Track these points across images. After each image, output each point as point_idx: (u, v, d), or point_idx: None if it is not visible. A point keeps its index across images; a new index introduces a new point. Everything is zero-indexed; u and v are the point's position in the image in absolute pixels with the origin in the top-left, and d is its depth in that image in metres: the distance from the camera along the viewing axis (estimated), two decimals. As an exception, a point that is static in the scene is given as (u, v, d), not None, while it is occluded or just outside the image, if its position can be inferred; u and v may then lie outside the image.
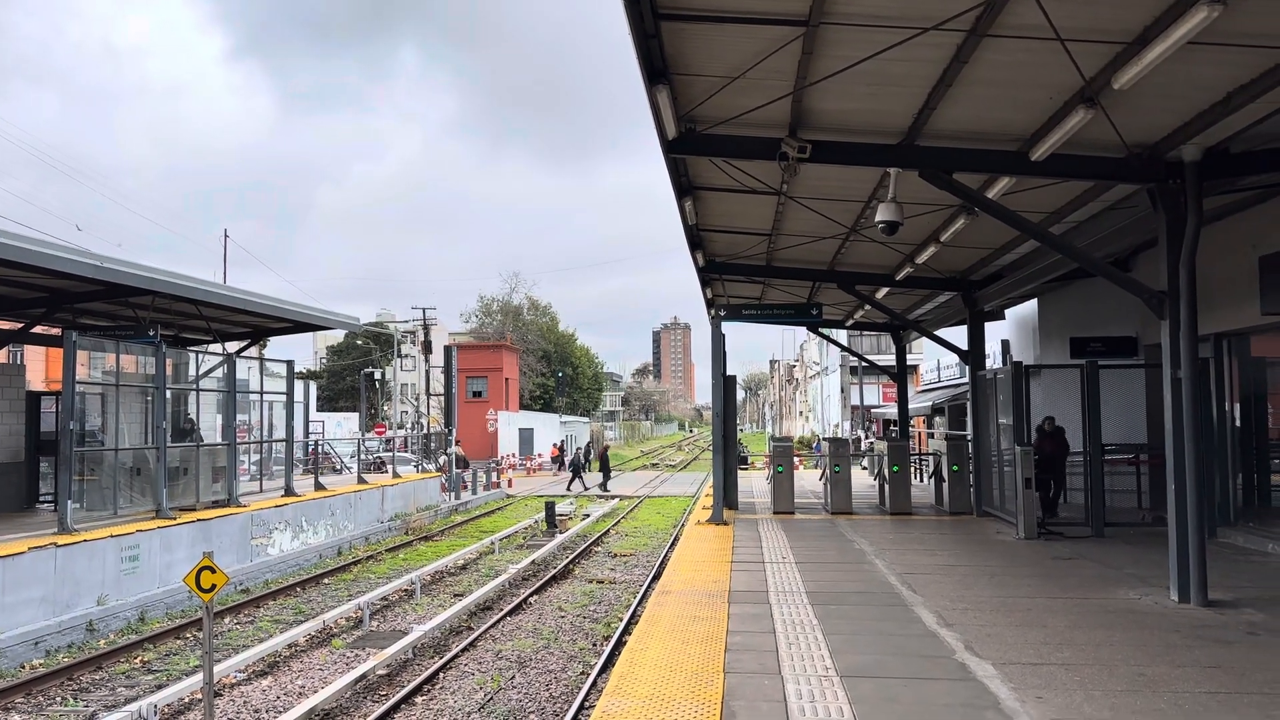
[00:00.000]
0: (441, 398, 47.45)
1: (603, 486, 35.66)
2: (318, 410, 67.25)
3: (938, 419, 34.10)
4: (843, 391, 54.42)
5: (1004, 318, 21.61)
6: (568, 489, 36.32)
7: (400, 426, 67.34)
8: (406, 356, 73.40)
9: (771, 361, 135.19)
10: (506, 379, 59.52)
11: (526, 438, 54.48)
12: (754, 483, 25.37)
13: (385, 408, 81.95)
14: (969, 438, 17.65)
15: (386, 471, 29.61)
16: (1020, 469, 13.56)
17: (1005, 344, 23.76)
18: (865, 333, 51.32)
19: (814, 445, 45.94)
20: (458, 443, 41.05)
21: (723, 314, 16.93)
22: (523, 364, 70.37)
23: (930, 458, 19.37)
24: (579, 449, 39.22)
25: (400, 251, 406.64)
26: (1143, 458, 15.43)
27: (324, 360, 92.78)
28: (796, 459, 35.86)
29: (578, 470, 37.53)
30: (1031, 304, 19.62)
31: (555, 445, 49.98)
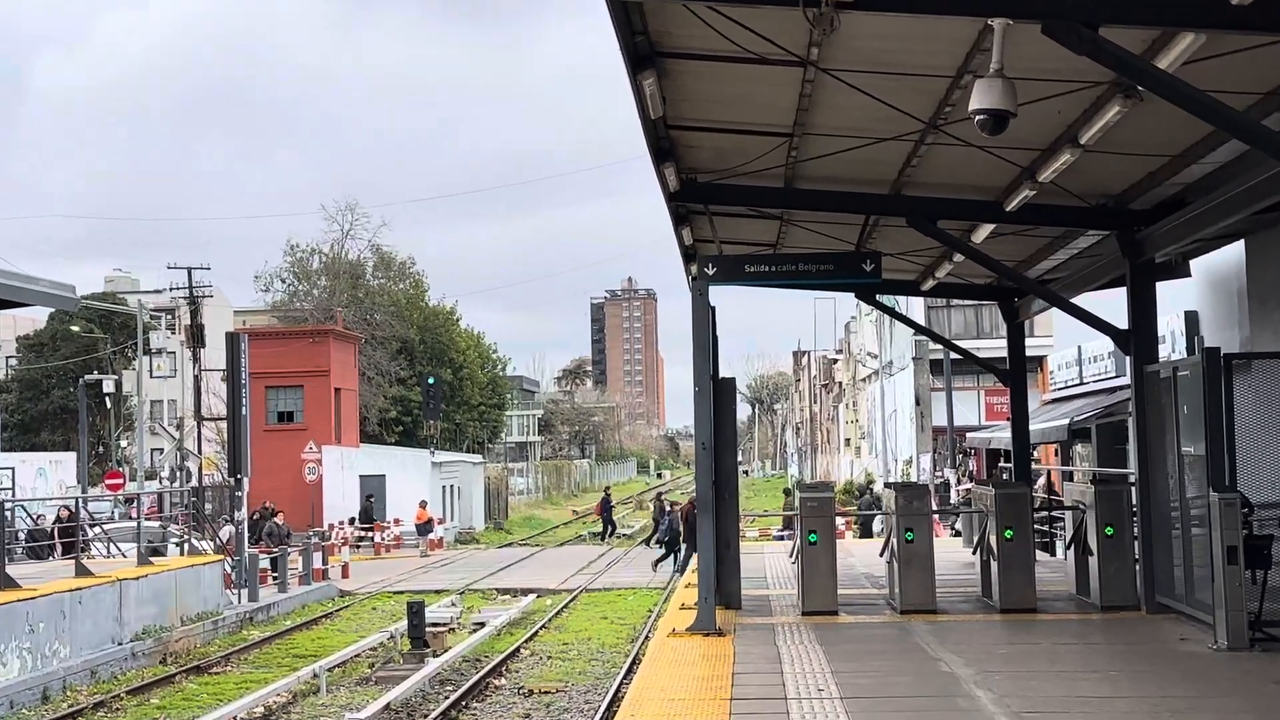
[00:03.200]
0: (224, 424, 47.00)
1: (680, 567, 35.58)
2: (2, 449, 66.27)
3: (1079, 447, 34.55)
4: (918, 404, 55.02)
5: (1188, 274, 21.96)
6: (654, 567, 36.49)
7: (152, 476, 66.63)
8: (161, 353, 72.71)
9: (796, 355, 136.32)
10: (337, 390, 59.11)
11: (375, 491, 54.20)
12: (769, 561, 25.48)
13: (124, 443, 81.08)
14: (1132, 479, 17.86)
15: (127, 555, 29.26)
16: (1220, 531, 13.79)
17: (1191, 318, 24.14)
18: (955, 303, 51.87)
19: (858, 495, 46.38)
20: (273, 513, 40.89)
21: (711, 272, 16.94)
22: (366, 363, 70.06)
23: (1068, 514, 19.62)
24: (672, 509, 39.15)
25: (172, 169, 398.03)
26: None
27: (14, 362, 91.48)
28: (841, 523, 36.10)
29: (675, 542, 37.15)
30: (1235, 249, 19.95)
31: (422, 504, 49.82)
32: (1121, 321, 17.68)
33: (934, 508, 26.15)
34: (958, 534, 31.02)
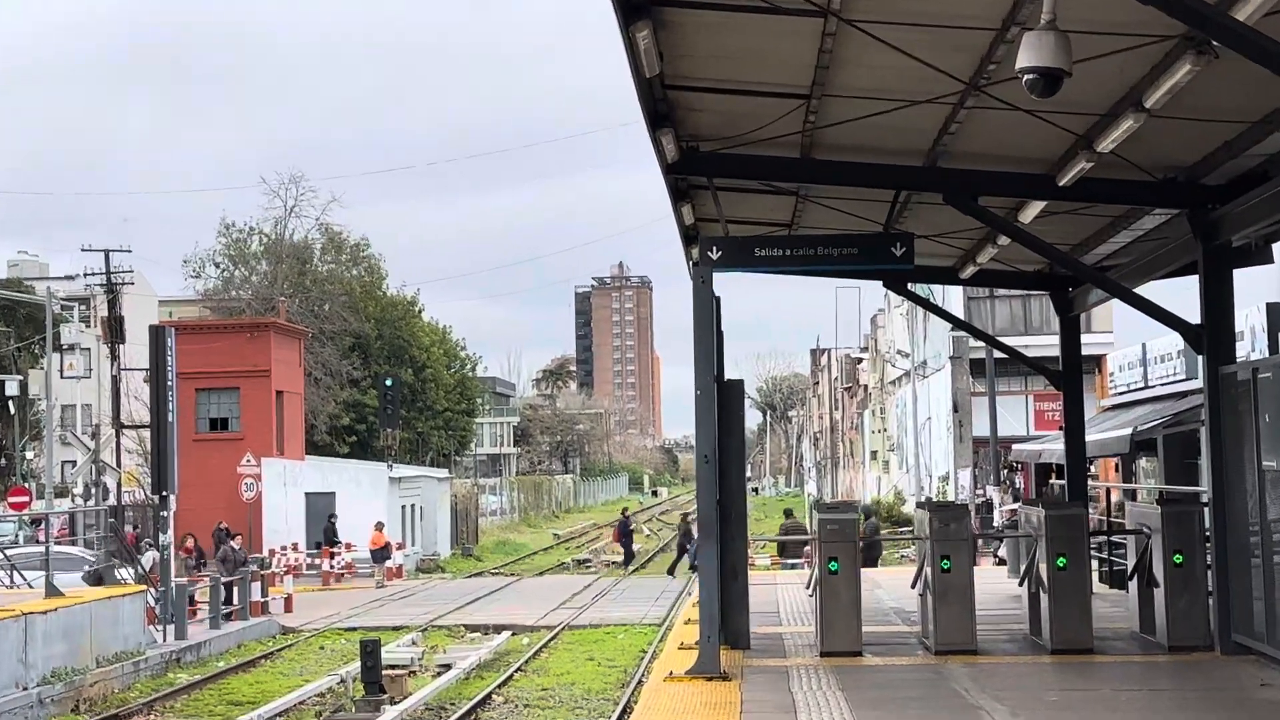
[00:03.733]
0: (147, 432, 46.94)
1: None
2: (-110, 461, 66.25)
3: (1144, 461, 34.61)
4: (956, 410, 55.12)
5: (1270, 259, 21.96)
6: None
7: (63, 493, 66.56)
8: (74, 349, 72.67)
9: (814, 353, 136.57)
10: (280, 392, 59.11)
11: (322, 510, 54.18)
12: (782, 593, 25.49)
13: (30, 454, 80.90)
14: (1205, 499, 17.84)
15: (33, 586, 29.21)
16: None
17: (1274, 311, 24.18)
18: (1000, 293, 51.88)
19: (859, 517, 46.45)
20: (228, 534, 40.77)
21: (715, 256, 16.92)
22: (314, 362, 70.07)
23: (1130, 539, 19.63)
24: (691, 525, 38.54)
25: (90, 139, 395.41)
26: None
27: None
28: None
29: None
30: (1324, 232, 19.97)
31: (379, 527, 49.82)
32: (1193, 315, 17.69)
33: (974, 531, 26.16)
34: (1002, 562, 31.03)
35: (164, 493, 33.02)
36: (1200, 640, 17.02)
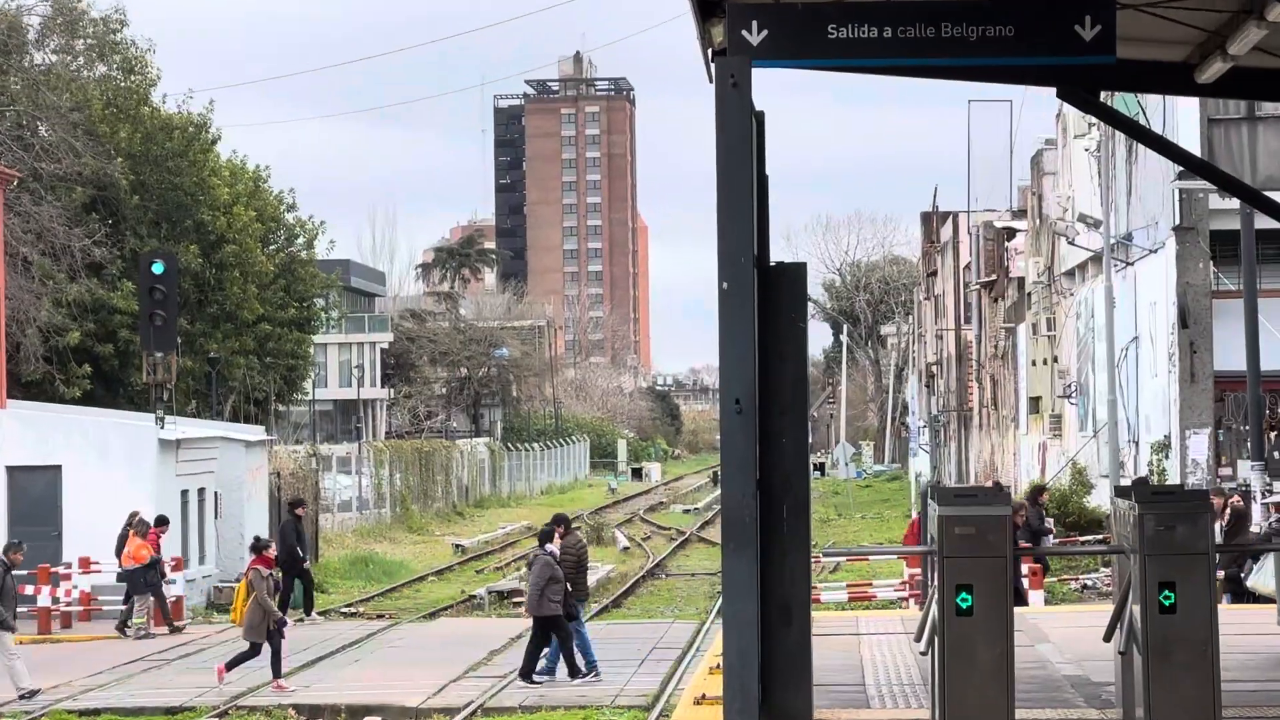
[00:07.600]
0: None
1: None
2: None
3: None
4: (1185, 325, 55.24)
5: None
6: None
7: None
8: None
9: (929, 220, 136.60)
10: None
11: (37, 495, 54.31)
12: (870, 647, 25.74)
13: None
14: None
15: None
16: None
17: None
18: (1268, 112, 51.74)
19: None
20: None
21: (756, 41, 17.01)
22: (22, 230, 69.99)
23: None
24: None
25: None
26: None
27: None
28: (1028, 572, 36.11)
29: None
30: None
31: (139, 529, 49.86)
32: None
33: (1219, 541, 26.37)
34: (1265, 599, 31.29)
35: None
36: None
